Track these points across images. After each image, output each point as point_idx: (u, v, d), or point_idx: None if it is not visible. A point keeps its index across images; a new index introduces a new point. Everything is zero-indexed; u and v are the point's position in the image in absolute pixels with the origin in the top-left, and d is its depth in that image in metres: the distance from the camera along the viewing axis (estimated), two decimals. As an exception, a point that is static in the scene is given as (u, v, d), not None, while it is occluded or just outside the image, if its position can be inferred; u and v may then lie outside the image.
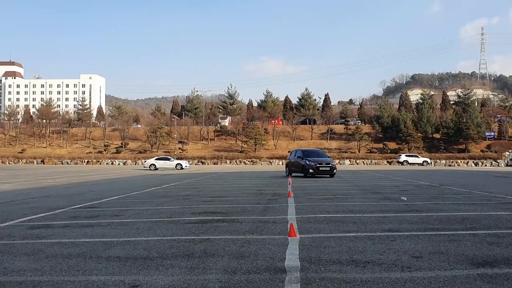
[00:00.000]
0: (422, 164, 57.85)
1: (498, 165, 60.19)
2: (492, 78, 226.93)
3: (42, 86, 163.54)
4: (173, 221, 7.68)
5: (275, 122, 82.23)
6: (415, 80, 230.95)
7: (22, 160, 69.24)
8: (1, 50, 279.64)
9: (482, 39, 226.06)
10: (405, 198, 11.29)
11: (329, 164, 22.88)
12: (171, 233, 6.45)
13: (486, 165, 60.32)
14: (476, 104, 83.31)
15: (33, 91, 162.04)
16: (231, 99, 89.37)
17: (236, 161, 65.66)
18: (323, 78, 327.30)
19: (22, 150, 73.68)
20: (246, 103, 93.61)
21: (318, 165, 22.43)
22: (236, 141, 75.72)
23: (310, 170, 22.27)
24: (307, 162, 22.69)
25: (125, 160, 67.11)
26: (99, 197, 12.59)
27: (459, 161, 63.05)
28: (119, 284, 3.94)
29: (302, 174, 23.15)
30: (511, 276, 4.08)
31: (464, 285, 3.81)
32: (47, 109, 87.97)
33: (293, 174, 24.43)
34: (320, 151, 26.55)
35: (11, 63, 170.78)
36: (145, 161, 46.45)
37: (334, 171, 22.97)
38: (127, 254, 5.11)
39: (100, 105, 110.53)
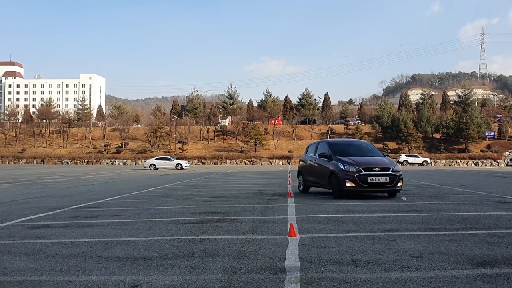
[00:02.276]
0: (422, 164, 57.88)
1: (498, 165, 60.20)
2: (492, 78, 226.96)
3: (42, 86, 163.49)
4: (173, 221, 7.68)
5: (275, 122, 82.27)
6: (415, 80, 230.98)
7: (22, 160, 69.25)
8: (1, 50, 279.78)
9: (482, 39, 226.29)
10: (405, 198, 11.29)
11: (389, 169, 11.13)
12: (171, 233, 6.44)
13: (486, 165, 60.32)
14: (476, 104, 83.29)
15: (33, 91, 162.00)
16: (231, 99, 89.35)
17: (236, 161, 65.65)
18: (323, 78, 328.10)
19: (22, 150, 73.67)
20: (246, 103, 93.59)
21: (365, 173, 10.84)
22: (236, 141, 75.71)
23: (348, 184, 10.86)
24: (342, 166, 11.13)
25: (125, 160, 67.12)
26: (99, 197, 12.59)
27: (459, 161, 63.08)
28: (119, 284, 3.94)
29: (330, 190, 11.88)
30: (511, 276, 4.08)
31: (464, 285, 3.80)
32: (47, 109, 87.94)
33: (311, 189, 13.55)
34: (364, 144, 13.42)
35: (11, 63, 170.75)
36: (145, 161, 46.46)
37: (399, 184, 11.25)
38: (127, 254, 5.11)
39: (100, 105, 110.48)
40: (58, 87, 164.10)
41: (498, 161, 61.74)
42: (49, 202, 11.11)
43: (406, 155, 60.98)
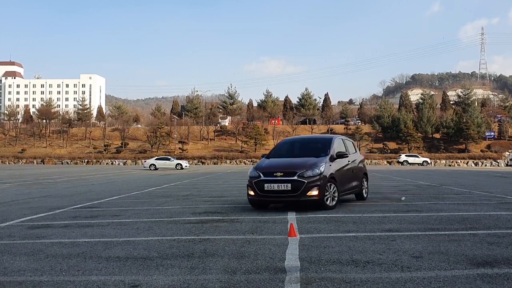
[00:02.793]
0: (422, 164, 57.88)
1: (498, 165, 60.20)
2: (492, 78, 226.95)
3: (42, 86, 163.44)
4: (173, 221, 7.68)
5: (275, 122, 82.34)
6: (415, 80, 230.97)
7: (22, 160, 69.25)
8: (1, 50, 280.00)
9: (482, 39, 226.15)
10: (404, 198, 11.30)
11: (295, 174, 8.60)
12: (171, 233, 6.44)
13: (486, 165, 60.33)
14: (476, 104, 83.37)
15: (33, 91, 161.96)
16: (231, 99, 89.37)
17: (236, 161, 65.66)
18: (323, 78, 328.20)
19: (22, 150, 73.68)
20: (246, 103, 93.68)
21: (263, 179, 8.81)
22: (236, 141, 75.72)
23: (249, 191, 9.17)
24: (253, 172, 9.22)
25: (125, 160, 67.13)
26: (99, 197, 12.59)
27: (459, 161, 63.09)
28: (119, 284, 3.94)
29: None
30: (511, 276, 4.07)
31: (464, 285, 3.80)
32: (47, 109, 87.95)
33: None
34: (315, 140, 11.29)
35: (11, 63, 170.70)
36: (145, 161, 46.46)
37: (310, 193, 8.54)
38: (127, 254, 5.11)
39: (100, 105, 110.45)
40: (58, 87, 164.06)
41: (498, 161, 61.74)
42: (49, 202, 11.11)
43: (406, 155, 61.05)
